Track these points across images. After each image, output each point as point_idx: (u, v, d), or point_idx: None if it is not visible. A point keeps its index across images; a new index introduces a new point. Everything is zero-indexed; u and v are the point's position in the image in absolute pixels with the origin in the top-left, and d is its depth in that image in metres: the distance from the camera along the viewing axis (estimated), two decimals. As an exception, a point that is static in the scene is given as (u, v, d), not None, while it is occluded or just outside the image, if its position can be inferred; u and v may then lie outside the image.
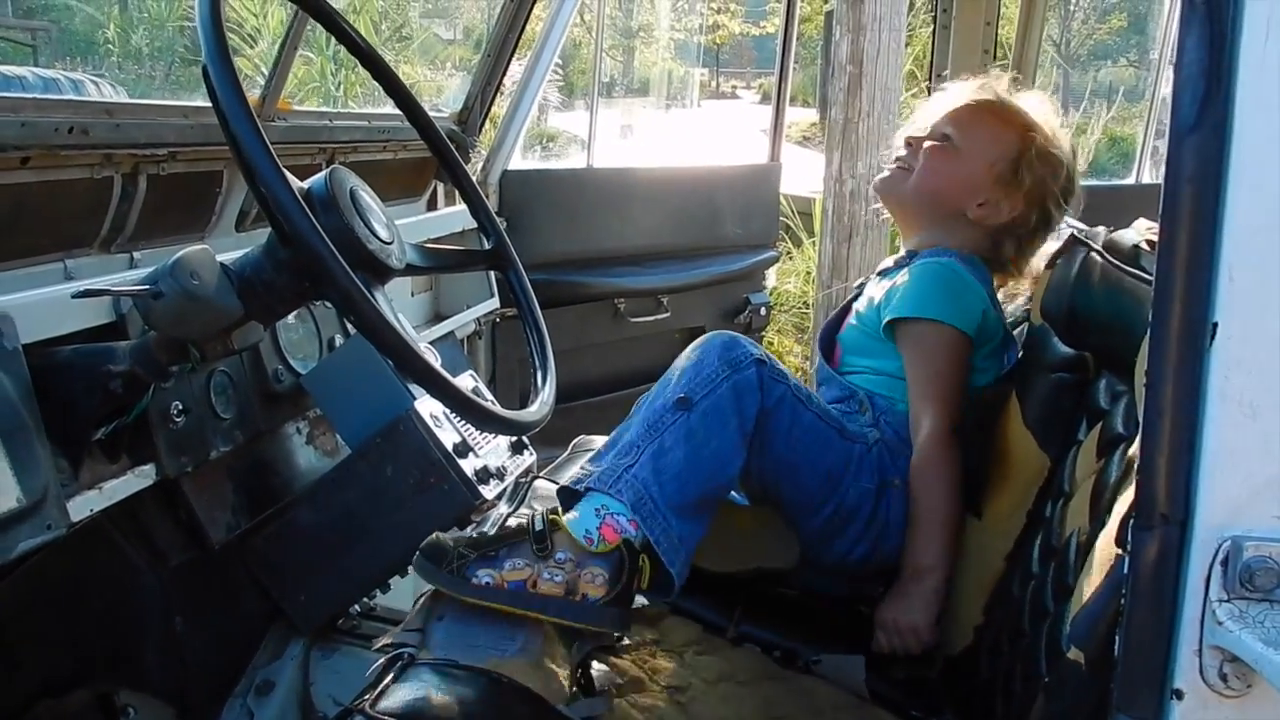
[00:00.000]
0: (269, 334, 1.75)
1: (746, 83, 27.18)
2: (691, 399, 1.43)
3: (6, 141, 1.44)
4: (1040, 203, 1.67)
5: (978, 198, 1.67)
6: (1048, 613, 1.22)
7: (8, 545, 1.22)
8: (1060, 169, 1.69)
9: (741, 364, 1.47)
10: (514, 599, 1.27)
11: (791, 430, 1.50)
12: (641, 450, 1.38)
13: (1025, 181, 1.66)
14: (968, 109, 1.73)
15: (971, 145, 1.70)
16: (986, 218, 1.68)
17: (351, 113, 2.44)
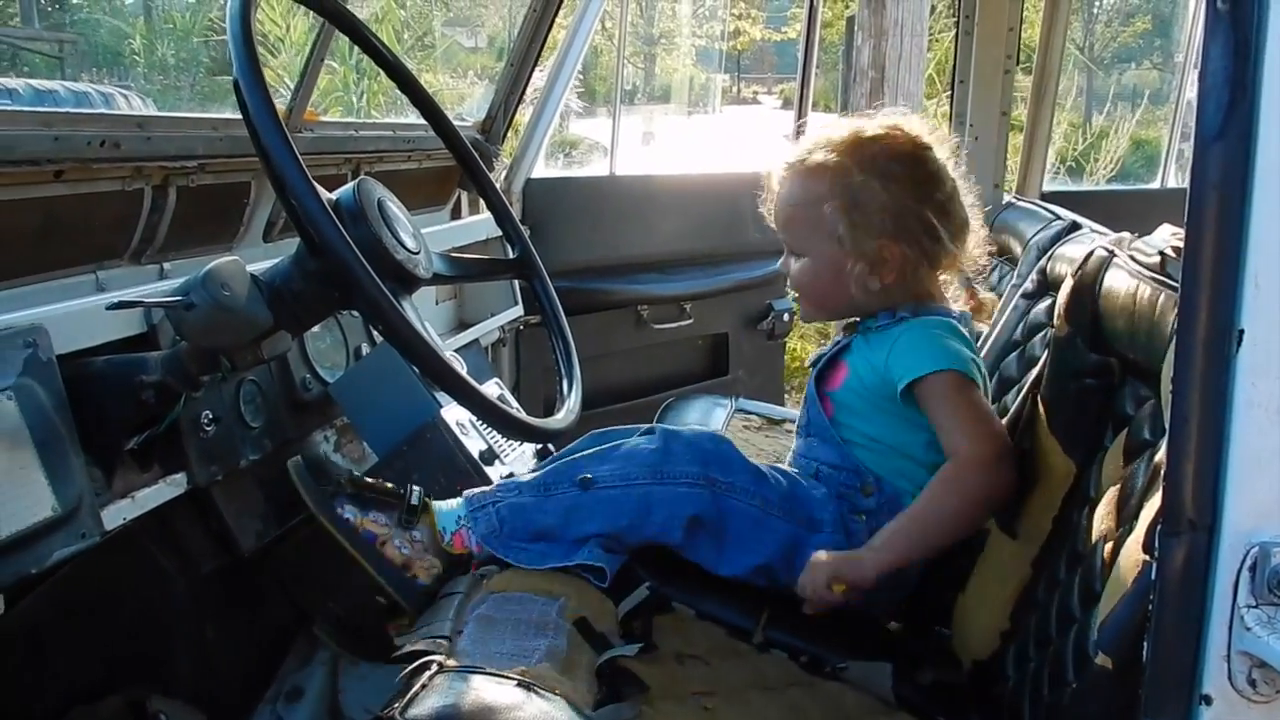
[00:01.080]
0: (297, 343, 1.77)
1: (768, 88, 27.14)
2: (595, 482, 1.49)
3: (40, 155, 1.46)
4: (909, 224, 1.51)
5: (859, 278, 1.52)
6: (1074, 619, 1.21)
7: (43, 554, 1.24)
8: (894, 182, 1.51)
9: (673, 478, 1.48)
10: (358, 545, 1.49)
11: (748, 537, 1.49)
12: (523, 494, 1.50)
13: (874, 226, 1.50)
14: (780, 205, 1.59)
15: (805, 242, 1.57)
16: (886, 278, 1.53)
17: (377, 123, 2.46)
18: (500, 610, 1.35)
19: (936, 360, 1.48)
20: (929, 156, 1.55)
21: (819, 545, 1.48)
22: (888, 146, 1.53)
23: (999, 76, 2.74)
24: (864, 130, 1.55)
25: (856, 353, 1.59)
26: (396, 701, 1.13)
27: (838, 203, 1.50)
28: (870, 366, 1.55)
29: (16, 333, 1.28)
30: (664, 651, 1.37)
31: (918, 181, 1.52)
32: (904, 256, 1.51)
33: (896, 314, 1.55)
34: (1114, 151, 7.69)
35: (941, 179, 1.55)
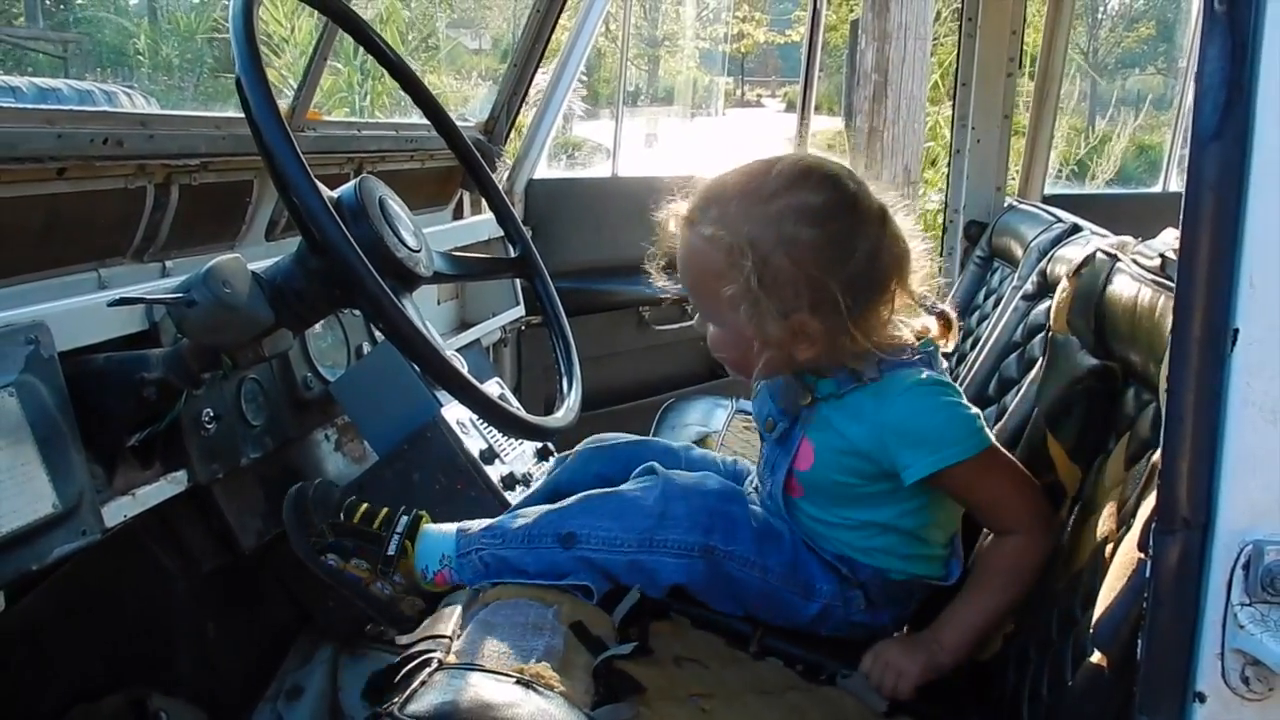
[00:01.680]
0: (298, 342, 1.78)
1: (771, 91, 27.16)
2: (577, 539, 1.43)
3: (43, 153, 1.46)
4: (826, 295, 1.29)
5: (780, 353, 1.35)
6: (1075, 620, 1.21)
7: (44, 550, 1.25)
8: (803, 250, 1.29)
9: (666, 547, 1.41)
10: (345, 586, 1.49)
11: (740, 592, 1.43)
12: (507, 544, 1.45)
13: (787, 303, 1.30)
14: (680, 267, 1.42)
15: (711, 314, 1.39)
16: (809, 350, 1.33)
17: (379, 122, 2.47)
18: (498, 615, 1.35)
19: (957, 446, 1.32)
20: (844, 204, 1.32)
21: (810, 613, 1.44)
22: (794, 204, 1.30)
23: (1001, 79, 2.75)
24: (764, 184, 1.32)
25: (820, 427, 1.41)
26: (395, 697, 1.14)
27: (742, 282, 1.30)
28: (848, 445, 1.38)
29: (18, 329, 1.28)
30: (661, 654, 1.37)
31: (833, 242, 1.30)
32: (824, 329, 1.31)
33: (861, 375, 1.36)
34: (1117, 156, 7.69)
35: (863, 227, 1.32)
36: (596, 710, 1.20)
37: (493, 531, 1.48)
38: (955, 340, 1.49)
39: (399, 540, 1.48)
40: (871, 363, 1.35)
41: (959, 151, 2.85)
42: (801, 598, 1.44)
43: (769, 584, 1.43)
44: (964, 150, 2.83)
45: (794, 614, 1.45)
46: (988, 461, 1.35)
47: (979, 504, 1.40)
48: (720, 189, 1.35)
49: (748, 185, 1.33)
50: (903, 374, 1.36)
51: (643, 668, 1.32)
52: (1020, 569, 1.37)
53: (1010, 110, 2.80)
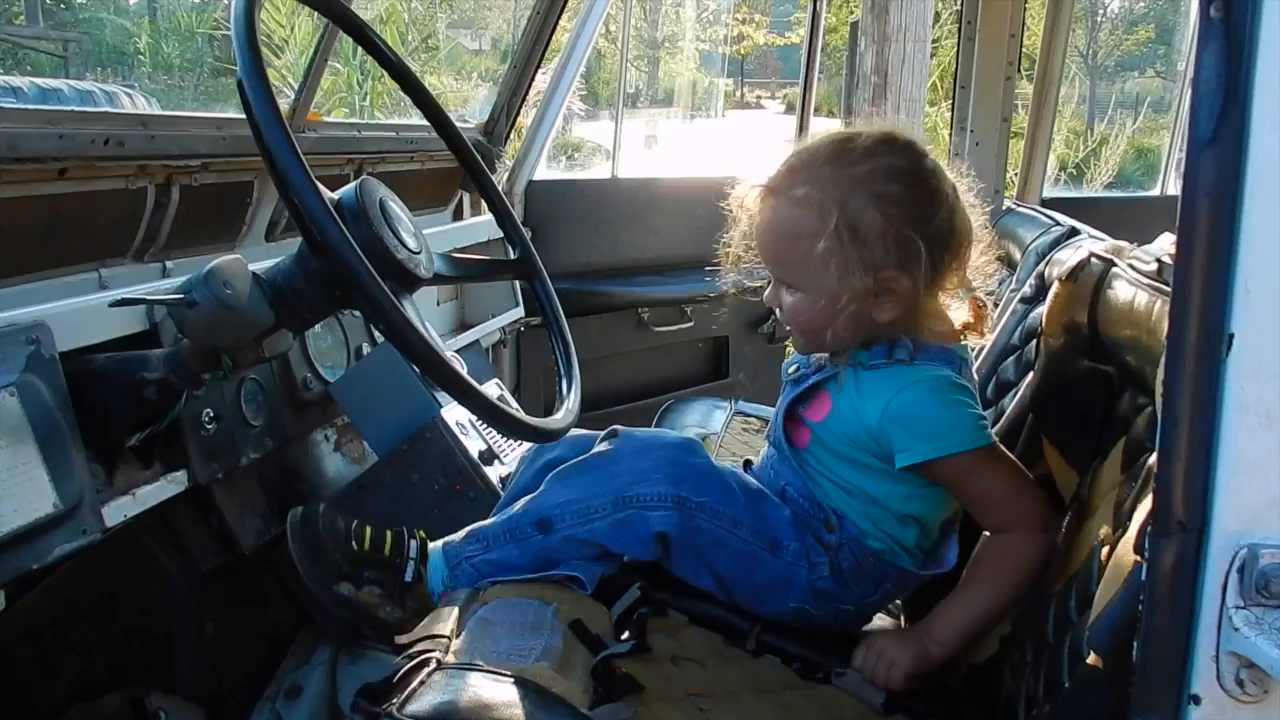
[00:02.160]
0: (298, 342, 1.78)
1: (771, 93, 27.19)
2: (553, 522, 1.44)
3: (45, 153, 1.47)
4: (913, 251, 1.35)
5: (862, 313, 1.37)
6: (1071, 623, 1.22)
7: (44, 550, 1.25)
8: (894, 205, 1.35)
9: (639, 502, 1.42)
10: (355, 616, 1.47)
11: (709, 552, 1.45)
12: (490, 547, 1.47)
13: (877, 258, 1.34)
14: (765, 236, 1.44)
15: (797, 277, 1.41)
16: (892, 310, 1.38)
17: (379, 124, 2.48)
18: (497, 614, 1.36)
19: (951, 439, 1.36)
20: (926, 168, 1.39)
21: (776, 570, 1.44)
22: (881, 166, 1.36)
23: (1000, 82, 2.75)
24: (852, 148, 1.38)
25: (844, 391, 1.44)
26: (394, 697, 1.14)
27: (833, 237, 1.34)
28: (857, 416, 1.42)
29: (19, 329, 1.29)
30: (659, 654, 1.38)
31: (918, 201, 1.36)
32: (911, 286, 1.36)
33: (893, 352, 1.41)
34: (1113, 158, 7.69)
35: (943, 192, 1.39)
36: (595, 710, 1.21)
37: (475, 537, 1.49)
38: (988, 331, 1.53)
39: (414, 566, 1.48)
40: (907, 347, 1.40)
41: (958, 154, 2.86)
42: (768, 553, 1.45)
43: (738, 538, 1.44)
44: (963, 153, 2.83)
45: (759, 573, 1.45)
46: (985, 458, 1.37)
47: (972, 499, 1.41)
48: (807, 158, 1.40)
49: (835, 151, 1.39)
50: (928, 367, 1.40)
51: (641, 666, 1.32)
52: (1014, 567, 1.39)
53: (1009, 113, 2.80)
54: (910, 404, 1.37)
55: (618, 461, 1.45)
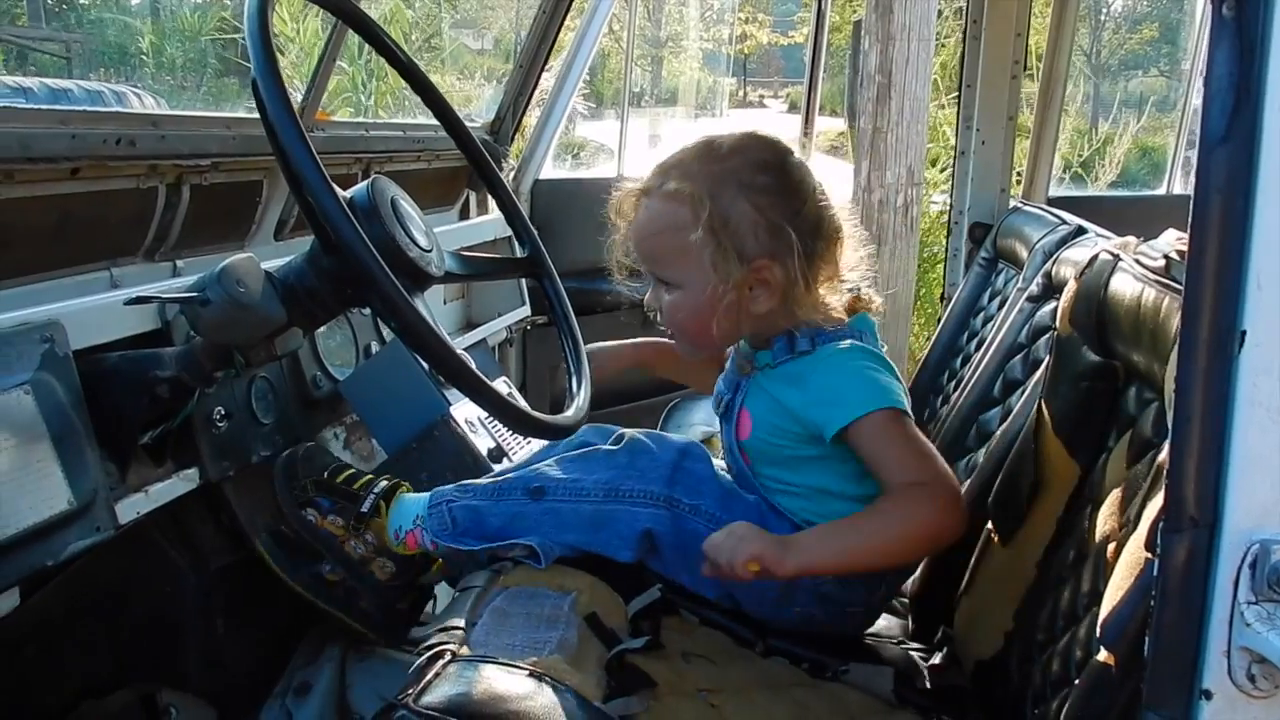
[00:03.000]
0: (308, 341, 1.79)
1: (774, 92, 27.19)
2: (545, 492, 1.47)
3: (57, 153, 1.48)
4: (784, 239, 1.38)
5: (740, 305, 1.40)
6: (1077, 618, 1.22)
7: (58, 547, 1.26)
8: (762, 195, 1.38)
9: (630, 496, 1.44)
10: (319, 541, 1.56)
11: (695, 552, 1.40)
12: (475, 496, 1.51)
13: (749, 247, 1.38)
14: (639, 235, 1.46)
15: (674, 273, 1.43)
16: (769, 302, 1.41)
17: (387, 123, 2.48)
18: (513, 604, 1.37)
19: (865, 400, 1.37)
20: (792, 161, 1.43)
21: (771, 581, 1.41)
22: (749, 159, 1.41)
23: (1006, 81, 2.75)
24: (719, 144, 1.43)
25: (756, 396, 1.48)
26: (410, 689, 1.15)
27: (706, 227, 1.37)
28: (781, 410, 1.44)
29: (34, 328, 1.29)
30: (671, 650, 1.38)
31: (787, 191, 1.40)
32: (785, 275, 1.38)
33: (794, 345, 1.44)
34: (1119, 158, 7.69)
35: (809, 184, 1.43)
36: (608, 703, 1.21)
37: (464, 486, 1.53)
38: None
39: (374, 499, 1.55)
40: (807, 336, 1.44)
41: (963, 153, 2.86)
42: None
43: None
44: (969, 152, 2.84)
45: (760, 582, 1.41)
46: (891, 421, 1.37)
47: (879, 464, 1.38)
48: (677, 158, 1.45)
49: (703, 149, 1.44)
50: (831, 345, 1.43)
51: (653, 662, 1.33)
52: (905, 515, 1.35)
53: (1015, 112, 2.81)
54: (825, 379, 1.41)
55: (617, 456, 1.48)
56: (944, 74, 7.23)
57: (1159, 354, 1.16)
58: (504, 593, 1.38)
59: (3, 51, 11.69)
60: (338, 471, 1.61)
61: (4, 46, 11.97)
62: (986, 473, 1.69)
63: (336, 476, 1.60)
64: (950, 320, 2.60)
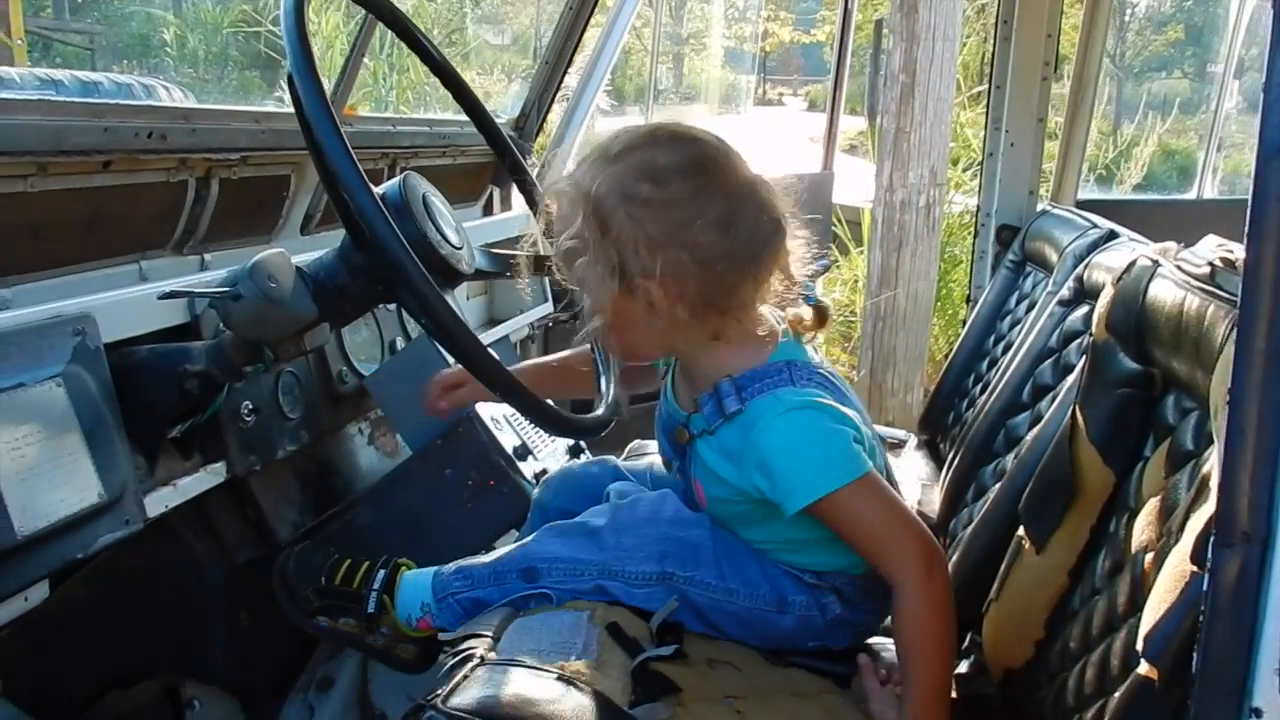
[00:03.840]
0: (334, 336, 1.79)
1: (793, 90, 27.13)
2: (538, 574, 1.44)
3: (90, 146, 1.48)
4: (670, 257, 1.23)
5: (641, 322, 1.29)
6: (1113, 629, 1.21)
7: (89, 539, 1.26)
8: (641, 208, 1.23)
9: (625, 577, 1.40)
10: (341, 641, 1.59)
11: (711, 616, 1.41)
12: (475, 585, 1.48)
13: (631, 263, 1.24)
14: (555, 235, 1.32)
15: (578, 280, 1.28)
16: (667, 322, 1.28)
17: (413, 118, 2.47)
18: (534, 619, 1.36)
19: (829, 476, 1.25)
20: (693, 163, 1.26)
21: (789, 623, 1.41)
22: (634, 162, 1.25)
23: (1036, 82, 2.73)
24: (615, 143, 1.27)
25: (700, 467, 1.37)
26: (439, 690, 1.14)
27: (583, 235, 1.24)
28: (723, 482, 1.35)
29: (66, 321, 1.29)
30: (695, 658, 1.37)
31: (675, 203, 1.23)
32: (666, 296, 1.25)
33: (723, 407, 1.31)
34: (1142, 159, 7.63)
35: (712, 189, 1.25)
36: (634, 709, 1.21)
37: (464, 573, 1.49)
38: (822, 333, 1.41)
39: (376, 597, 1.53)
40: (732, 390, 1.30)
41: (991, 155, 2.84)
42: (776, 612, 1.41)
43: (737, 605, 1.41)
44: (997, 153, 2.82)
45: (770, 630, 1.42)
46: (861, 493, 1.26)
47: (857, 543, 1.30)
48: (587, 152, 1.31)
49: (603, 148, 1.28)
50: (764, 401, 1.29)
51: (677, 669, 1.32)
52: (928, 632, 1.27)
53: (1045, 113, 2.78)
54: (775, 448, 1.27)
55: (604, 535, 1.43)
56: (965, 74, 7.20)
57: (1202, 363, 1.14)
58: (524, 618, 1.37)
59: (28, 43, 11.75)
60: (333, 572, 1.56)
61: (29, 38, 12.04)
62: (1017, 479, 1.67)
63: (333, 578, 1.56)
64: (976, 323, 2.58)
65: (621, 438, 2.12)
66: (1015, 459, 1.82)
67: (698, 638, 1.42)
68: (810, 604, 1.41)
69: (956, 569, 1.74)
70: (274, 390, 1.64)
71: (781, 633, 1.42)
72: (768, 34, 18.65)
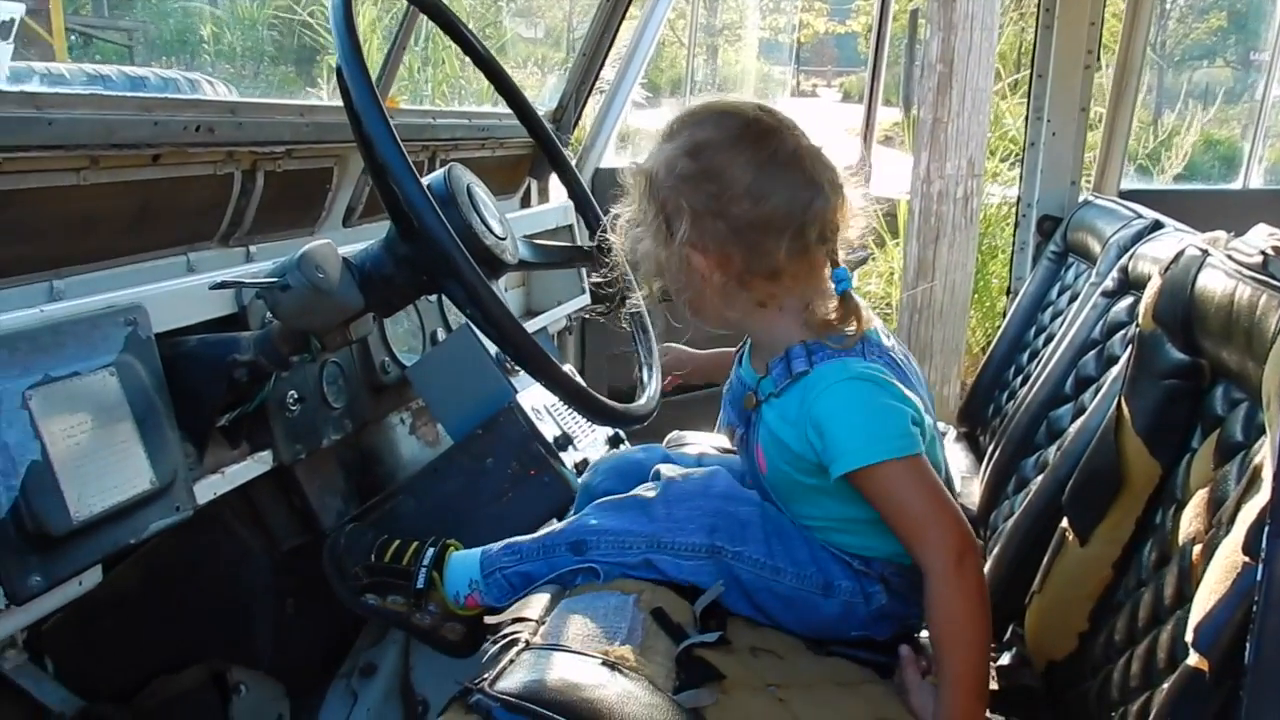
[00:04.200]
0: (377, 327, 1.80)
1: (827, 81, 26.96)
2: (585, 547, 1.45)
3: (140, 139, 1.50)
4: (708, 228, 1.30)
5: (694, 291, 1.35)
6: (1160, 621, 1.20)
7: (141, 525, 1.28)
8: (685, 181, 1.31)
9: (673, 548, 1.41)
10: (388, 620, 1.57)
11: (757, 597, 1.42)
12: (523, 560, 1.48)
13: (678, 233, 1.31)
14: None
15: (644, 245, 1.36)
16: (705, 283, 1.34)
17: (453, 110, 2.49)
18: (579, 603, 1.37)
19: (878, 446, 1.28)
20: (730, 137, 1.31)
21: (833, 609, 1.42)
22: (684, 140, 1.32)
23: (1079, 72, 2.70)
24: (673, 122, 1.36)
25: (764, 428, 1.40)
26: (485, 675, 1.16)
27: (644, 209, 1.34)
28: (783, 445, 1.37)
29: (118, 311, 1.32)
30: (738, 645, 1.38)
31: (709, 175, 1.30)
32: (715, 264, 1.31)
33: (791, 368, 1.35)
34: (1184, 148, 7.53)
35: (747, 160, 1.30)
36: (678, 694, 1.21)
37: (512, 549, 1.51)
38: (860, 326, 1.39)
39: (426, 573, 1.53)
40: (802, 353, 1.34)
41: (1033, 145, 2.81)
42: (821, 595, 1.42)
43: (783, 585, 1.41)
44: (1038, 143, 2.79)
45: (814, 615, 1.42)
46: (906, 473, 1.28)
47: (888, 511, 1.30)
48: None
49: (664, 126, 1.37)
50: (831, 366, 1.32)
51: (720, 656, 1.33)
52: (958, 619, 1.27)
53: (1088, 103, 2.75)
54: (824, 414, 1.30)
55: (655, 507, 1.45)
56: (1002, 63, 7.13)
57: (1254, 353, 1.13)
58: (570, 596, 1.38)
59: (68, 40, 11.91)
60: (382, 550, 1.58)
61: (69, 35, 12.21)
62: (1061, 471, 1.66)
63: (383, 556, 1.57)
64: (1017, 315, 2.56)
65: (660, 429, 2.13)
66: (1058, 451, 1.80)
67: (742, 624, 1.42)
68: (856, 590, 1.41)
69: (998, 561, 1.74)
70: (319, 380, 1.66)
71: (825, 618, 1.43)
72: (802, 24, 18.53)
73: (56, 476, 1.17)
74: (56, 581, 1.18)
